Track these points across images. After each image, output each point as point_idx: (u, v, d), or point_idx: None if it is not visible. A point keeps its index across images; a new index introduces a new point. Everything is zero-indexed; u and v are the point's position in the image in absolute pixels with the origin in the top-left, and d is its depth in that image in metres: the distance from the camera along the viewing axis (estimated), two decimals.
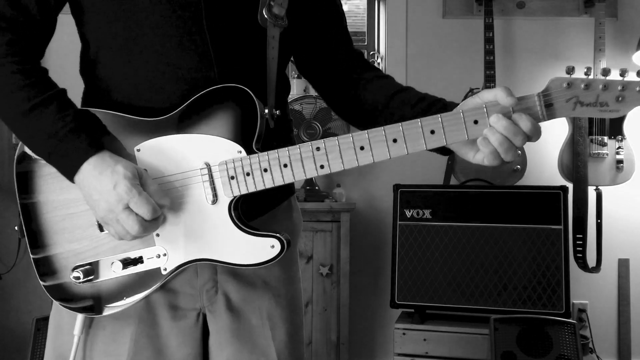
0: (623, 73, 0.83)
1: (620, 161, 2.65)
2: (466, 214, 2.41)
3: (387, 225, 2.79)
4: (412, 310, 2.44)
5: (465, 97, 2.73)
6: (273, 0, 1.00)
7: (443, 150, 0.98)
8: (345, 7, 3.62)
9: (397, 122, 0.88)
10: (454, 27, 2.95)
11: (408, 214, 2.47)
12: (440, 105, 0.99)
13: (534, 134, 0.86)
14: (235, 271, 1.02)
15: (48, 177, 0.96)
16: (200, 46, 0.94)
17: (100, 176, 0.87)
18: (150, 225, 0.88)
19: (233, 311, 1.02)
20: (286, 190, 1.10)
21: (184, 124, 0.92)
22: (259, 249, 0.91)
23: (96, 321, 1.00)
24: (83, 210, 0.94)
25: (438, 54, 2.95)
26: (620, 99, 0.83)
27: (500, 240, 2.37)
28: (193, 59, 0.94)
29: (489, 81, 2.68)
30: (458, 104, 0.94)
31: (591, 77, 0.84)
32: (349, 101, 1.11)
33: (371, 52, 3.13)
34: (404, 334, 2.37)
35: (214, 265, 1.00)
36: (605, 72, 0.84)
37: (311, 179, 2.76)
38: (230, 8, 0.97)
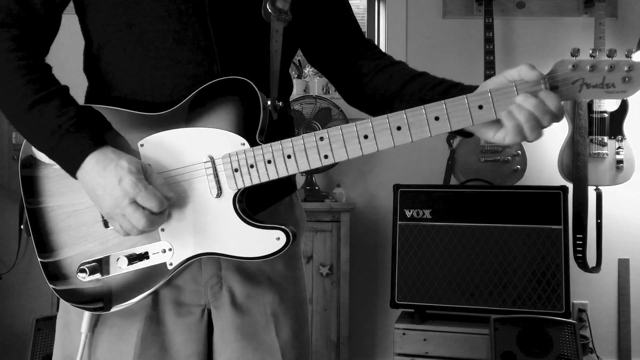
0: (629, 53, 0.82)
1: (620, 161, 2.65)
2: (466, 214, 2.41)
3: (387, 225, 2.79)
4: (412, 310, 2.44)
5: None
6: None
7: (462, 132, 0.96)
8: None
9: (415, 106, 0.88)
10: (454, 27, 2.95)
11: (408, 214, 2.47)
12: (458, 90, 0.98)
13: (560, 113, 0.84)
14: (239, 267, 1.01)
15: (52, 176, 0.96)
16: (204, 41, 0.94)
17: (104, 171, 0.87)
18: (157, 218, 0.88)
19: (237, 307, 1.02)
20: (287, 186, 1.10)
21: (187, 117, 0.92)
22: (265, 242, 0.91)
23: (102, 319, 1.00)
24: (87, 207, 0.94)
25: (438, 54, 2.95)
26: (627, 79, 0.82)
27: (500, 240, 2.37)
28: (196, 54, 0.94)
29: None
30: (477, 87, 0.93)
31: (597, 58, 0.83)
32: (362, 90, 1.10)
33: None
34: (404, 334, 2.37)
35: (218, 261, 1.00)
36: (612, 52, 0.83)
37: (311, 179, 2.76)
38: (234, 3, 0.97)
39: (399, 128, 0.87)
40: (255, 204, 0.98)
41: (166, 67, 0.95)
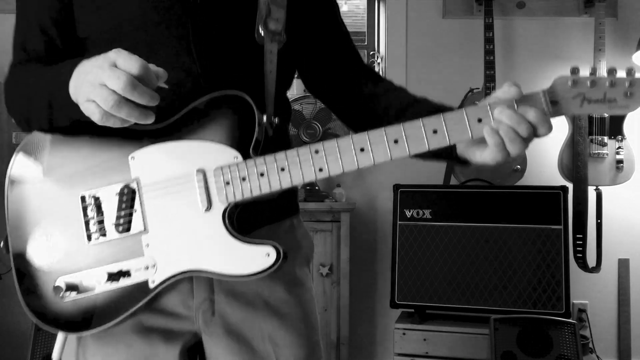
0: (630, 72, 0.82)
1: (620, 161, 2.65)
2: (466, 214, 2.41)
3: (387, 225, 2.79)
4: (412, 310, 2.44)
5: (465, 97, 2.74)
6: (269, 17, 0.98)
7: (450, 157, 0.95)
8: (345, 7, 3.60)
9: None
10: (454, 27, 2.95)
11: (408, 214, 2.47)
12: None
13: (541, 124, 0.82)
14: (233, 290, 0.97)
15: (38, 188, 0.94)
16: (187, 64, 0.94)
17: (91, 59, 0.82)
18: (139, 86, 0.77)
19: (232, 334, 0.97)
20: (288, 208, 1.07)
21: (179, 131, 0.91)
22: (254, 258, 0.87)
23: (83, 347, 0.96)
24: (71, 222, 0.93)
25: (438, 54, 2.95)
26: (629, 94, 0.82)
27: (500, 240, 2.37)
28: (179, 76, 0.93)
29: (489, 81, 2.68)
30: None
31: (598, 74, 0.83)
32: (362, 115, 1.08)
33: (371, 52, 3.13)
34: (404, 334, 2.37)
35: (210, 284, 0.97)
36: (611, 71, 0.83)
37: None
38: (222, 26, 0.96)
39: (396, 141, 0.85)
40: (250, 223, 0.95)
41: (155, 90, 0.94)
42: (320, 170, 0.87)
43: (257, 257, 0.87)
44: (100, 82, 0.77)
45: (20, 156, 0.96)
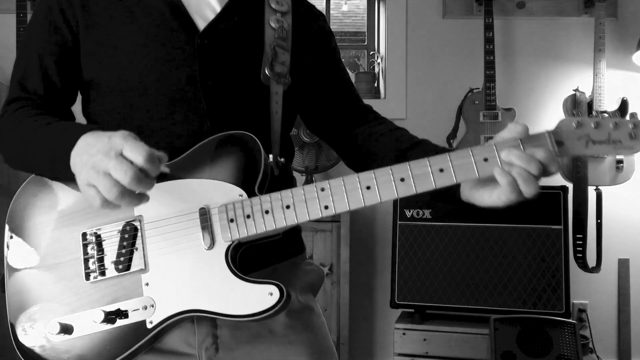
0: (633, 114, 0.84)
1: (620, 161, 2.65)
2: (466, 214, 2.41)
3: (387, 225, 2.79)
4: (412, 310, 2.44)
5: (465, 97, 2.74)
6: (275, 60, 1.00)
7: (454, 200, 0.94)
8: (345, 7, 3.58)
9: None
10: (454, 27, 2.95)
11: (408, 214, 2.47)
12: None
13: (550, 163, 0.82)
14: (236, 324, 0.95)
15: (37, 226, 0.94)
16: (194, 104, 0.95)
17: (97, 136, 0.82)
18: (144, 177, 0.78)
19: None
20: (293, 247, 1.07)
21: (185, 170, 0.91)
22: (256, 297, 0.85)
23: None
24: (70, 260, 0.91)
25: (438, 54, 2.95)
26: (633, 135, 0.83)
27: (500, 240, 2.37)
28: (186, 115, 0.94)
29: (489, 81, 2.68)
30: None
31: (602, 117, 0.85)
32: (362, 156, 1.09)
33: (371, 52, 3.13)
34: (404, 334, 2.37)
35: (213, 319, 0.94)
36: (615, 113, 0.85)
37: (311, 179, 2.76)
38: (229, 67, 0.97)
39: (402, 179, 0.85)
40: (254, 262, 0.94)
41: (160, 129, 0.95)
42: (326, 208, 0.86)
43: (260, 296, 0.85)
44: (105, 170, 0.77)
45: (23, 191, 0.96)
